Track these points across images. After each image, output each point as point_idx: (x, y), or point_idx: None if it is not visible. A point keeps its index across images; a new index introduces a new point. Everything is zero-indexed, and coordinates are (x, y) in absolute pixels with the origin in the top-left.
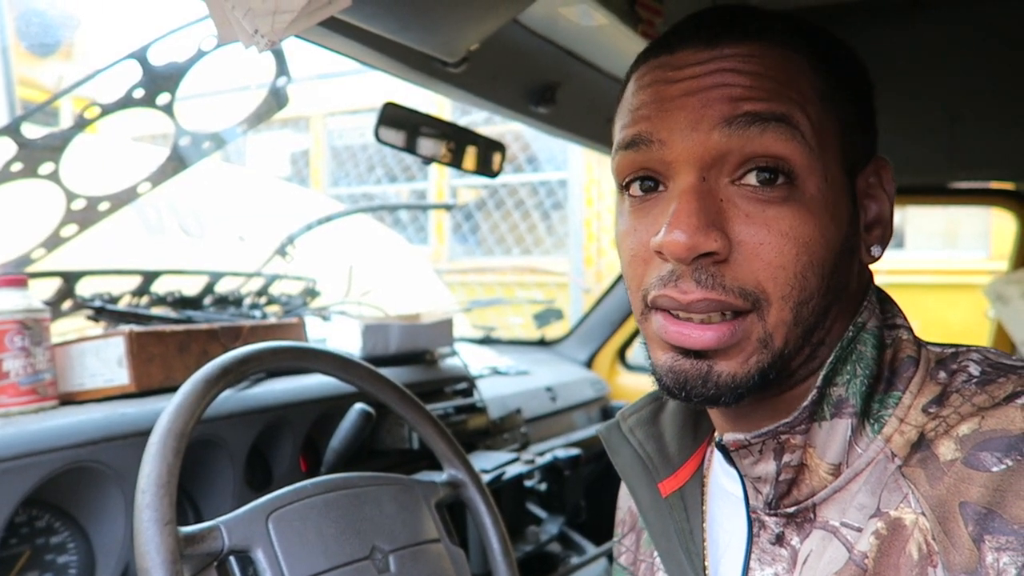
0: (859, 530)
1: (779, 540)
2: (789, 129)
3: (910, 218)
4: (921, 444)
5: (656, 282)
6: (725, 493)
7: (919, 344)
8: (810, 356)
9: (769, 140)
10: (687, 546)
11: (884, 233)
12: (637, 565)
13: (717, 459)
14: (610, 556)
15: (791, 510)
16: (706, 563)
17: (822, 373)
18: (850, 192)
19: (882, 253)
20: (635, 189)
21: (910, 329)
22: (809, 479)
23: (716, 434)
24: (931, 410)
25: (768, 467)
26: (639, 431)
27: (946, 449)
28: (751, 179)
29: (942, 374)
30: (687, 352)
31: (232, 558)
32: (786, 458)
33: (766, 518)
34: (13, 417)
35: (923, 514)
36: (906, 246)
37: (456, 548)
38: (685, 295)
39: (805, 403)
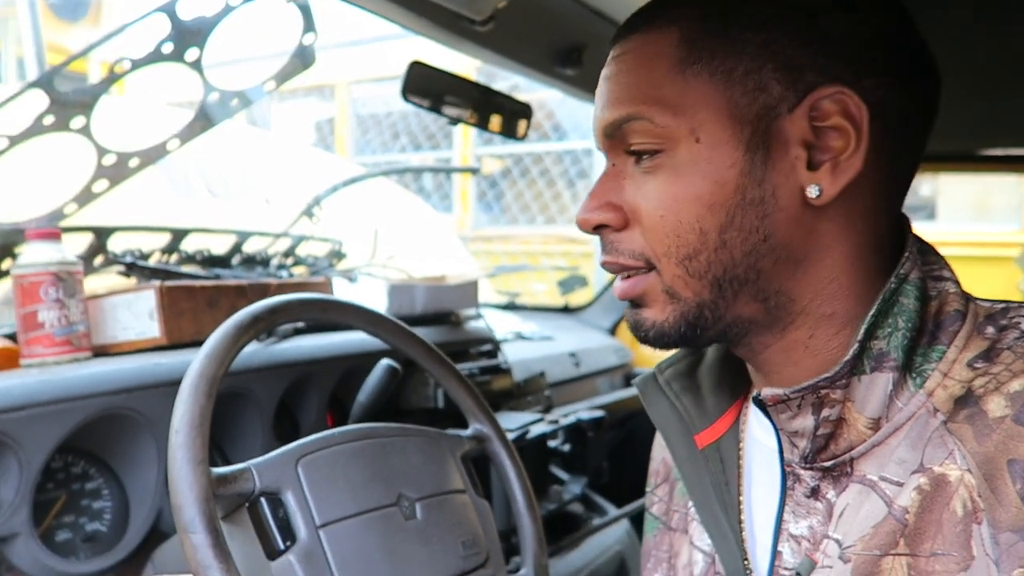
0: (899, 485)
1: (814, 493)
2: (637, 123)
3: (942, 189)
4: (968, 400)
5: None
6: (760, 446)
7: (967, 298)
8: (774, 306)
9: (629, 135)
10: (723, 498)
11: (836, 169)
12: (670, 515)
13: (753, 412)
14: (632, 519)
15: (827, 464)
16: (741, 516)
17: (863, 327)
18: (756, 140)
19: (821, 193)
20: None
21: (957, 282)
22: (847, 433)
23: (754, 389)
24: (978, 365)
25: (806, 422)
26: (676, 383)
27: (995, 406)
28: (637, 159)
29: (990, 329)
30: (630, 303)
31: (263, 499)
32: (825, 412)
33: (801, 471)
34: (49, 367)
35: (969, 471)
36: (937, 217)
37: (481, 499)
38: (601, 259)
39: (846, 357)
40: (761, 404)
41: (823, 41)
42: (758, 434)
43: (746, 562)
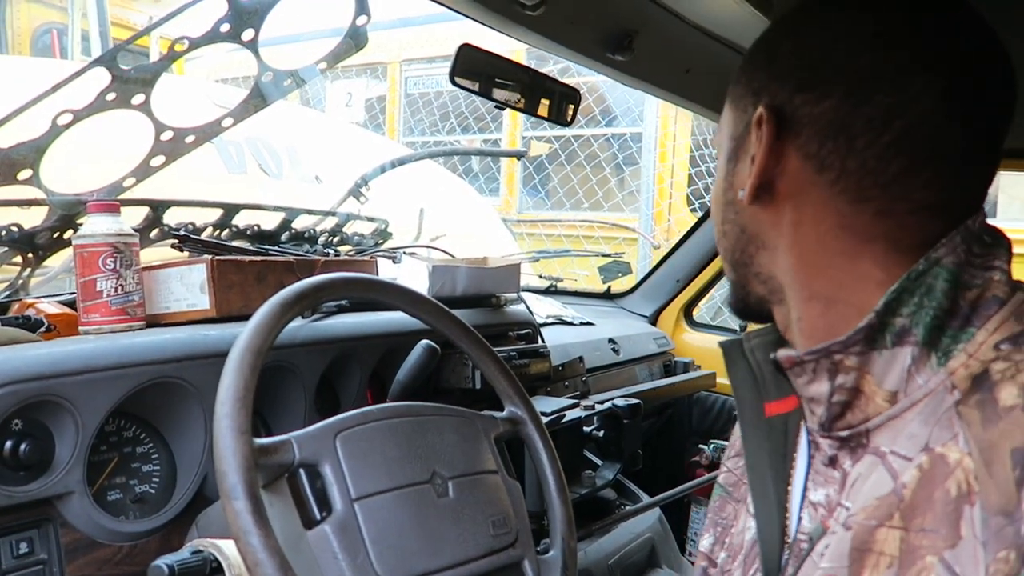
0: (907, 460)
1: (832, 462)
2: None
3: (1004, 186)
4: (983, 383)
5: None
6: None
7: (1014, 287)
8: (772, 288)
9: None
10: (776, 466)
11: (749, 172)
12: (737, 487)
13: None
14: (664, 507)
15: (844, 434)
16: (789, 487)
17: (882, 299)
18: (735, 152)
19: (745, 195)
20: None
21: (1007, 272)
22: (865, 405)
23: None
24: (1003, 348)
25: (821, 388)
26: (759, 352)
27: (1008, 395)
28: None
29: None
30: None
31: (302, 471)
32: (839, 380)
33: (820, 440)
34: (104, 334)
35: (969, 454)
36: (998, 215)
37: (513, 481)
38: None
39: (860, 324)
40: (780, 367)
41: (774, 66)
42: (806, 413)
43: (785, 528)
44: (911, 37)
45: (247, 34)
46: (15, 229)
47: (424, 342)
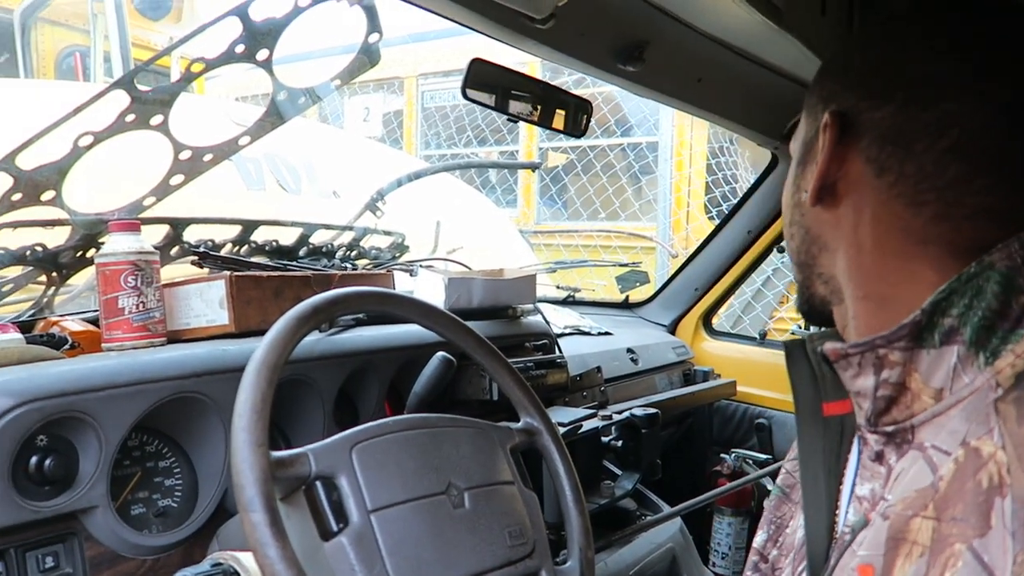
0: (947, 454)
1: (878, 458)
2: None
3: None
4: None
5: None
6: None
7: None
8: (831, 289)
9: None
10: (829, 465)
11: (812, 175)
12: (795, 488)
13: None
14: (685, 517)
15: (889, 429)
16: (841, 486)
17: (930, 299)
18: (804, 156)
19: (807, 196)
20: None
21: None
22: (911, 402)
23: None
24: None
25: (867, 382)
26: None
27: None
28: None
29: None
30: None
31: (318, 483)
32: (884, 374)
33: (868, 435)
34: (127, 351)
35: (1003, 448)
36: None
37: (529, 492)
38: None
39: (904, 320)
40: (828, 361)
41: (844, 75)
42: (855, 408)
43: (834, 525)
44: (980, 47)
45: (262, 54)
46: (39, 249)
47: (440, 354)
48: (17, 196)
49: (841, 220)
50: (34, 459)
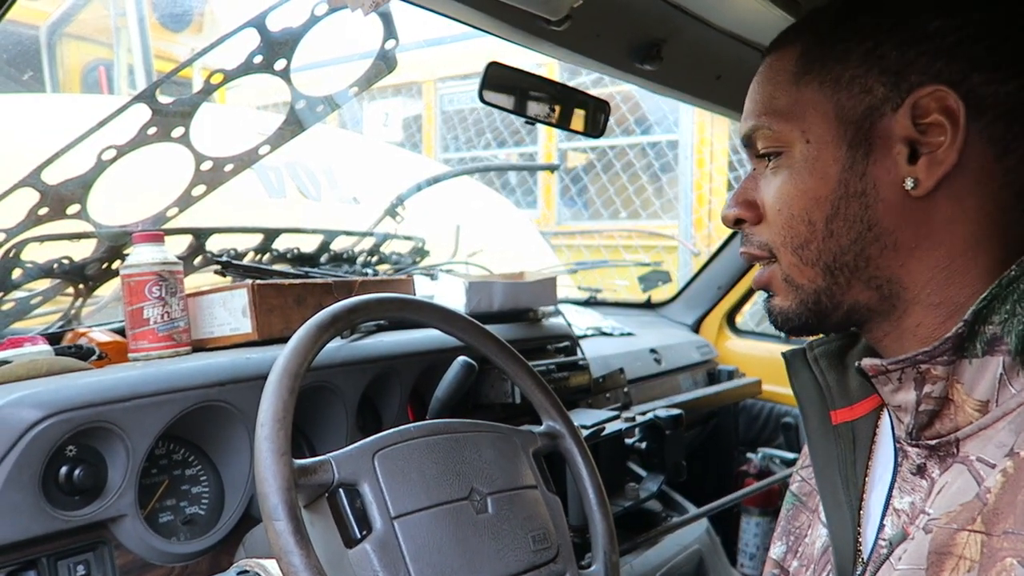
0: (992, 467)
1: (920, 471)
2: (760, 132)
3: None
4: None
5: None
6: (888, 431)
7: None
8: (888, 293)
9: (756, 142)
10: (846, 474)
11: (932, 163)
12: (811, 496)
13: None
14: (712, 518)
15: (932, 443)
16: (864, 495)
17: (972, 308)
18: (859, 138)
19: (917, 185)
20: None
21: None
22: (954, 414)
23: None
24: None
25: (908, 396)
26: (823, 361)
27: None
28: (765, 161)
29: None
30: (765, 293)
31: (341, 490)
32: (927, 388)
33: (909, 448)
34: (152, 360)
35: None
36: None
37: (553, 496)
38: (739, 250)
39: (948, 334)
40: (865, 375)
41: (925, 43)
42: (894, 421)
43: (859, 536)
44: None
45: (279, 64)
46: (66, 262)
47: (461, 359)
48: (44, 210)
49: (933, 214)
50: (64, 469)
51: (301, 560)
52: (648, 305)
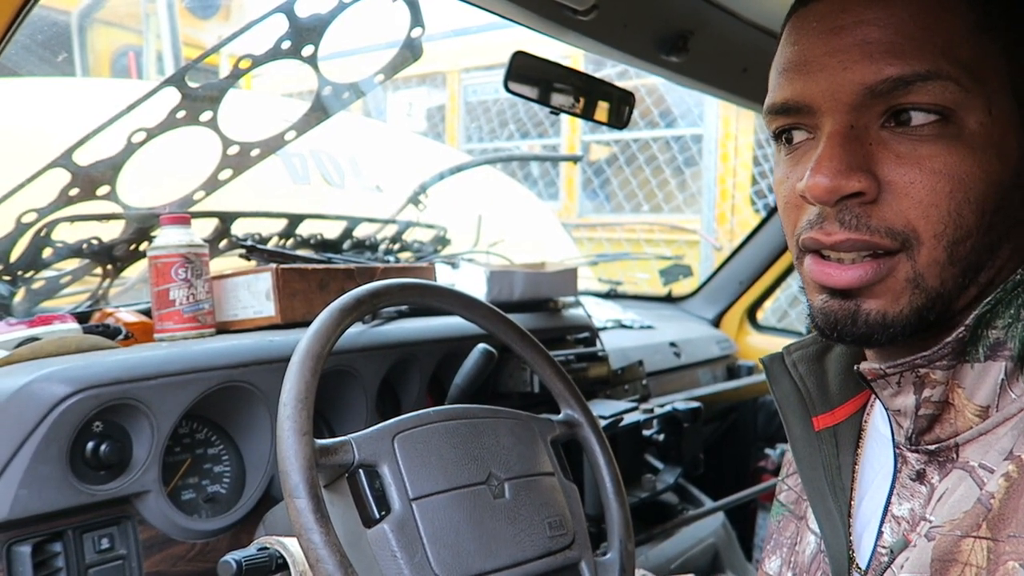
0: (992, 471)
1: (919, 477)
2: (937, 83)
3: None
4: None
5: (805, 225)
6: (879, 435)
7: None
8: (978, 296)
9: (916, 96)
10: (832, 480)
11: None
12: (799, 504)
13: (878, 404)
14: (728, 512)
15: (932, 447)
16: (852, 500)
17: (975, 312)
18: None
19: None
20: (786, 138)
21: None
22: (954, 419)
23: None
24: None
25: (907, 400)
26: (802, 366)
27: None
28: (903, 120)
29: None
30: (835, 292)
31: (361, 471)
32: (926, 393)
33: (908, 454)
34: (177, 341)
35: None
36: None
37: (569, 483)
38: (829, 236)
39: (948, 339)
40: (864, 379)
41: None
42: (879, 423)
43: (850, 542)
44: None
45: (307, 50)
46: (95, 242)
47: (481, 346)
48: (74, 191)
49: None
50: (90, 444)
51: (321, 538)
52: (669, 299)
